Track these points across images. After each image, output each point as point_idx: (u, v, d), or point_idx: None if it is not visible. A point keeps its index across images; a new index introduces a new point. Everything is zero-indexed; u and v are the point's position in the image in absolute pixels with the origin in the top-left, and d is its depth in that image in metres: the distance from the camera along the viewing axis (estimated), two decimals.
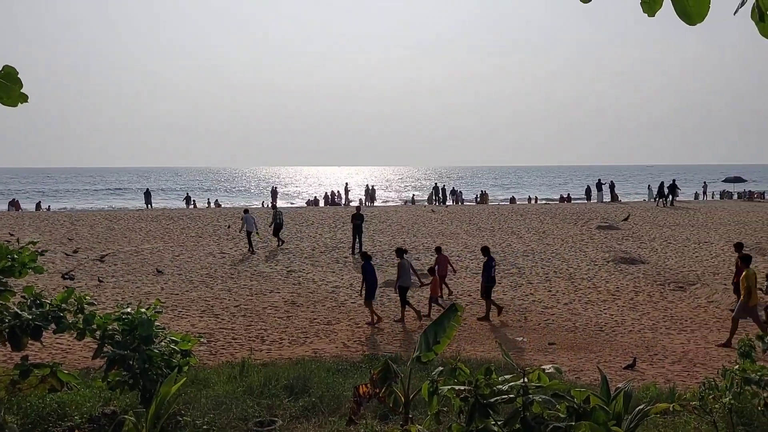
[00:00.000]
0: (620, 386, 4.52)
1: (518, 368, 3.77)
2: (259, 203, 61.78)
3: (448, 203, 53.54)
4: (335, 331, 13.64)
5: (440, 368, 4.29)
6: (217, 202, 62.77)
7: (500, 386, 3.72)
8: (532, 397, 3.52)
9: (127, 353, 6.41)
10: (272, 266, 20.87)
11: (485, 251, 15.47)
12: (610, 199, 53.28)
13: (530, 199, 62.73)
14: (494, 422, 3.62)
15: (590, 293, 17.12)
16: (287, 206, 55.92)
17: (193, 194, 64.14)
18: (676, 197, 44.81)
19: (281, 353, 11.77)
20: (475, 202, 59.64)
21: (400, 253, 15.22)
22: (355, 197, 61.03)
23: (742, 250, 14.59)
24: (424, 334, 4.91)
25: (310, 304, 16.03)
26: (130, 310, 6.73)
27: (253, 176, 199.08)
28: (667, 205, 42.94)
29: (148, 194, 53.75)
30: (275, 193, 58.76)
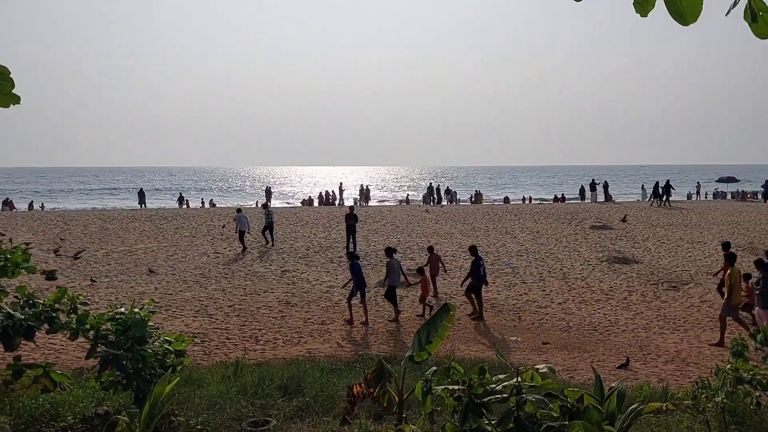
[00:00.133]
0: (614, 386, 4.53)
1: (512, 368, 3.77)
2: (253, 203, 61.68)
3: (443, 203, 53.57)
4: (329, 330, 13.63)
5: (434, 368, 4.30)
6: (212, 201, 62.62)
7: (494, 386, 3.72)
8: (525, 396, 3.52)
9: (120, 353, 6.39)
10: (266, 266, 20.84)
11: (473, 250, 15.47)
12: (603, 199, 53.40)
13: (524, 199, 62.82)
14: (488, 422, 3.63)
15: (584, 293, 17.16)
16: (284, 206, 55.93)
17: (187, 194, 64.00)
18: (670, 197, 44.96)
19: (275, 353, 11.76)
20: (470, 201, 59.69)
21: (389, 252, 15.28)
22: (349, 197, 61.02)
23: (729, 248, 14.69)
24: (417, 333, 4.92)
25: (304, 303, 16.02)
26: (123, 310, 6.71)
27: (247, 176, 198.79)
28: (662, 205, 43.07)
29: (142, 194, 53.64)
30: (269, 192, 58.69)
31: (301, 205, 58.60)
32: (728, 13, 2.18)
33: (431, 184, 58.51)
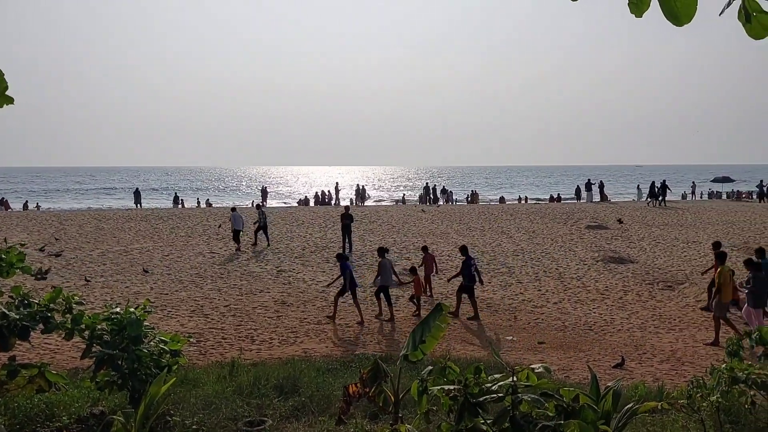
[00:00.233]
0: (609, 385, 4.54)
1: (507, 367, 3.78)
2: (249, 203, 61.62)
3: (439, 203, 53.60)
4: (325, 330, 13.63)
5: (430, 367, 4.30)
6: (208, 201, 62.52)
7: (489, 385, 3.73)
8: (521, 396, 3.53)
9: (116, 353, 6.38)
10: (262, 266, 20.82)
11: (463, 250, 15.48)
12: (599, 199, 53.50)
13: (520, 198, 62.89)
14: (483, 421, 3.63)
15: (579, 292, 17.19)
16: (281, 206, 55.88)
17: (183, 194, 63.84)
18: (666, 197, 45.08)
19: (271, 353, 11.75)
20: (466, 201, 59.74)
21: (381, 252, 15.31)
22: (345, 197, 61.01)
23: (719, 248, 14.77)
24: (412, 333, 4.92)
25: (300, 303, 16.01)
26: (119, 309, 6.70)
27: (243, 176, 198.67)
28: (658, 205, 43.16)
29: (137, 194, 53.51)
30: (265, 192, 58.66)
31: (297, 204, 58.56)
32: (722, 13, 2.19)
33: (427, 183, 58.53)
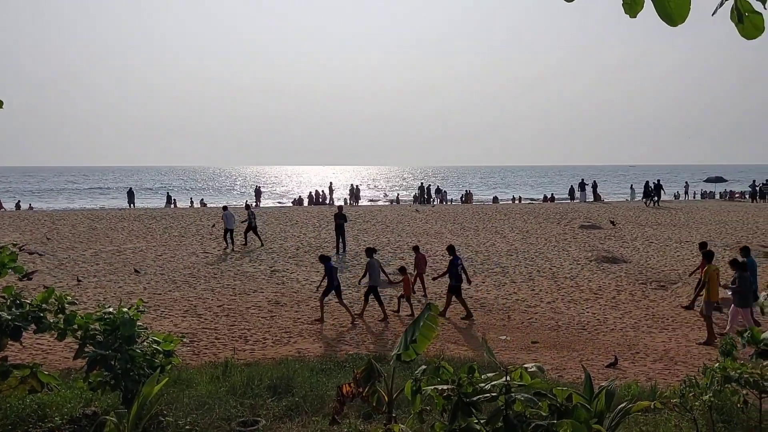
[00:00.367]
0: (602, 384, 4.55)
1: (501, 367, 3.79)
2: (242, 202, 61.48)
3: (433, 203, 53.64)
4: (319, 330, 13.62)
5: (423, 367, 4.30)
6: (202, 201, 62.34)
7: (483, 385, 3.73)
8: (514, 395, 3.53)
9: (108, 353, 6.36)
10: (256, 266, 20.78)
11: (451, 250, 15.48)
12: (593, 199, 53.64)
13: (514, 198, 62.99)
14: (477, 421, 3.64)
15: (573, 292, 17.22)
16: (275, 206, 55.82)
17: (177, 193, 63.64)
18: (660, 197, 45.24)
19: (265, 353, 11.73)
20: (460, 201, 59.80)
21: (369, 252, 15.31)
22: (340, 197, 60.98)
23: (706, 248, 14.94)
24: (404, 333, 4.93)
25: (293, 303, 15.98)
26: (112, 309, 6.68)
27: (238, 175, 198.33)
28: (653, 205, 43.27)
29: (131, 193, 53.36)
30: (259, 192, 58.56)
31: (292, 204, 58.47)
32: (714, 13, 2.19)
33: (422, 183, 58.57)
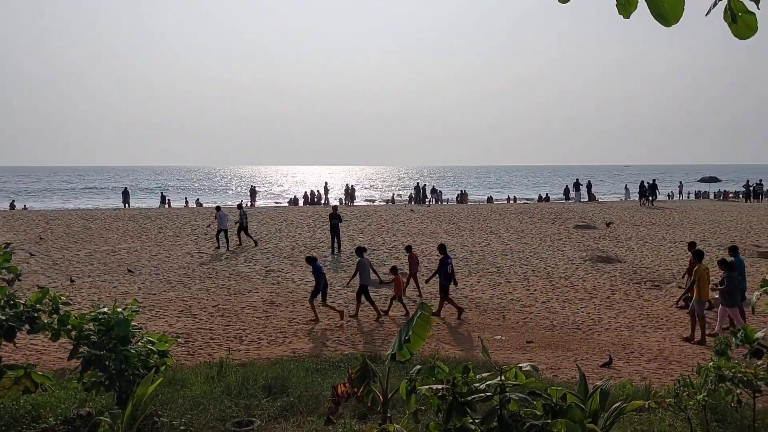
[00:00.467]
0: (597, 384, 4.56)
1: (496, 366, 3.79)
2: (237, 202, 61.35)
3: (428, 203, 53.67)
4: (314, 330, 13.60)
5: (418, 367, 4.31)
6: (198, 201, 62.20)
7: (478, 384, 3.74)
8: (509, 395, 3.54)
9: (103, 354, 6.34)
10: (251, 266, 20.76)
11: (441, 249, 15.49)
12: (587, 199, 53.77)
13: (509, 198, 63.08)
14: (472, 420, 3.64)
15: (567, 292, 17.25)
16: (271, 205, 55.77)
17: (173, 193, 63.47)
18: (656, 197, 45.40)
19: (260, 353, 11.72)
20: (456, 201, 59.85)
21: (359, 251, 15.31)
22: (335, 196, 60.95)
23: (695, 247, 15.03)
24: (398, 333, 4.94)
25: (288, 303, 15.96)
26: (106, 310, 6.67)
27: (233, 175, 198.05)
28: (646, 204, 43.39)
29: (126, 193, 53.26)
30: (254, 192, 58.51)
31: (288, 204, 58.41)
32: (708, 13, 2.20)
33: (418, 183, 58.62)
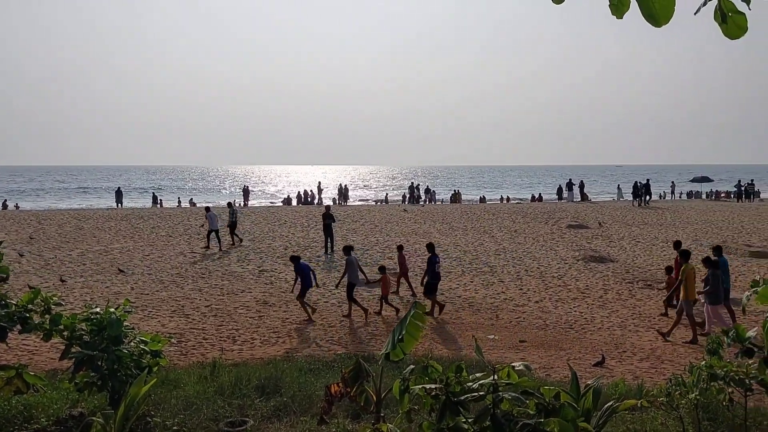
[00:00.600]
0: (589, 383, 4.57)
1: (489, 366, 3.80)
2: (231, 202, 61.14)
3: (421, 202, 53.70)
4: (307, 330, 13.59)
5: (411, 367, 4.31)
6: (191, 201, 62.06)
7: (471, 384, 3.74)
8: (502, 394, 3.54)
9: (95, 354, 6.32)
10: (244, 266, 20.72)
11: (430, 247, 15.53)
12: (580, 198, 53.93)
13: (502, 198, 63.19)
14: (465, 420, 3.65)
15: (560, 291, 17.29)
16: (264, 205, 55.67)
17: (166, 193, 63.25)
18: (650, 197, 45.57)
19: (253, 353, 11.70)
20: (450, 201, 59.92)
21: (347, 250, 15.34)
22: (329, 196, 60.92)
23: (680, 247, 15.13)
24: (391, 332, 4.94)
25: (282, 303, 15.94)
26: (98, 310, 6.65)
27: (227, 175, 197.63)
28: (644, 204, 43.51)
29: (119, 193, 53.10)
30: (247, 192, 58.40)
31: (282, 204, 58.35)
32: (697, 12, 2.21)
33: (412, 183, 58.64)
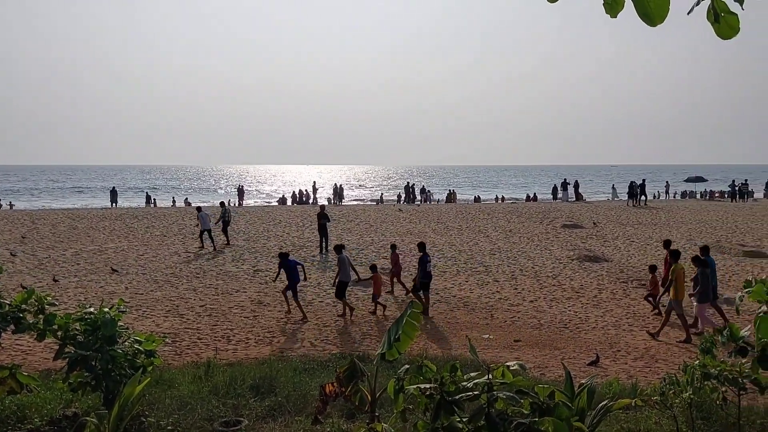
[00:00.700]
0: (584, 382, 4.58)
1: (483, 365, 3.80)
2: (225, 202, 61.02)
3: (417, 202, 53.71)
4: (302, 330, 13.58)
5: (406, 366, 4.31)
6: (186, 200, 61.91)
7: (465, 383, 3.74)
8: (496, 393, 3.55)
9: (89, 354, 6.30)
10: (238, 265, 20.69)
11: (421, 247, 15.56)
12: (575, 198, 54.01)
13: (497, 198, 63.25)
14: (459, 419, 3.65)
15: (555, 291, 17.32)
16: (260, 205, 55.60)
17: (162, 192, 63.08)
18: (646, 197, 45.63)
19: (247, 353, 11.69)
20: (446, 201, 59.94)
21: (338, 249, 15.38)
22: (324, 196, 60.87)
23: (670, 246, 15.21)
24: (387, 332, 4.94)
25: (276, 303, 15.91)
26: (92, 309, 6.62)
27: (222, 175, 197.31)
28: (642, 204, 43.55)
29: (114, 193, 52.95)
30: (242, 191, 58.33)
31: (277, 204, 58.28)
32: (690, 12, 2.21)
33: (408, 183, 58.64)
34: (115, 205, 50.54)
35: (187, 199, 64.69)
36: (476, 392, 3.65)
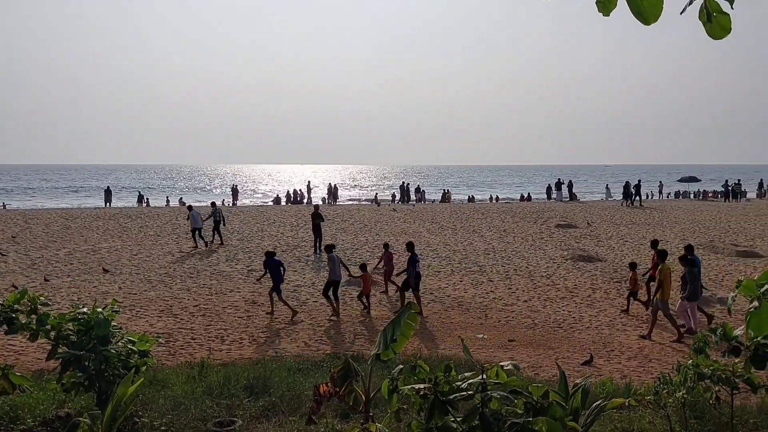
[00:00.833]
0: (578, 382, 4.59)
1: (477, 365, 3.80)
2: (220, 201, 60.97)
3: (411, 202, 53.72)
4: (296, 330, 13.56)
5: (400, 366, 4.31)
6: (181, 200, 61.75)
7: (459, 383, 3.74)
8: (490, 393, 3.55)
9: (82, 354, 6.28)
10: (232, 265, 20.65)
11: (410, 247, 15.57)
12: (569, 198, 54.14)
13: (491, 198, 63.33)
14: (453, 419, 3.65)
15: (549, 290, 17.35)
16: (254, 204, 55.50)
17: (156, 192, 62.90)
18: (642, 197, 45.77)
19: (241, 353, 11.67)
20: (441, 200, 59.98)
21: (329, 248, 15.41)
22: (318, 195, 60.82)
23: (657, 246, 15.33)
24: (383, 332, 4.93)
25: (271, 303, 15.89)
26: (86, 309, 6.60)
27: (216, 174, 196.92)
28: (639, 204, 43.64)
29: (108, 192, 52.78)
30: (236, 191, 58.22)
31: (272, 203, 58.19)
32: (683, 11, 2.22)
33: (403, 182, 58.66)
34: (109, 204, 50.37)
35: (181, 198, 64.53)
36: (470, 392, 3.65)
